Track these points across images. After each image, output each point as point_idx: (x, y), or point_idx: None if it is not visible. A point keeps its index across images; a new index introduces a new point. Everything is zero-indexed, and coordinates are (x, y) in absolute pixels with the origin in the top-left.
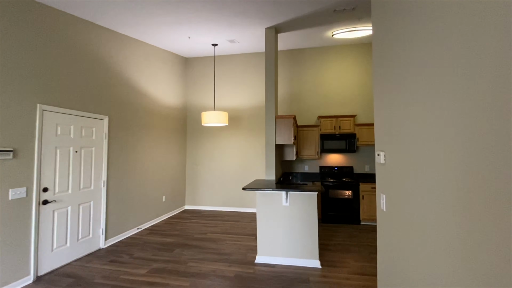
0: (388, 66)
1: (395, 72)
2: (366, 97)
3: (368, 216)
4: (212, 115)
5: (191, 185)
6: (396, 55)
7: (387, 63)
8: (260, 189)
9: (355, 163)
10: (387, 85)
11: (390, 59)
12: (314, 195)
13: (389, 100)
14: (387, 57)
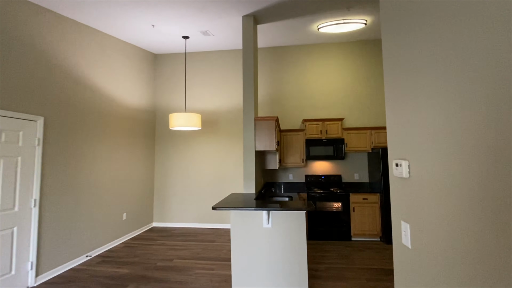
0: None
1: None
2: (354, 99)
3: (360, 231)
4: (182, 117)
5: (160, 199)
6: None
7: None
8: (235, 207)
9: (344, 171)
10: (411, 75)
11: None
12: (302, 214)
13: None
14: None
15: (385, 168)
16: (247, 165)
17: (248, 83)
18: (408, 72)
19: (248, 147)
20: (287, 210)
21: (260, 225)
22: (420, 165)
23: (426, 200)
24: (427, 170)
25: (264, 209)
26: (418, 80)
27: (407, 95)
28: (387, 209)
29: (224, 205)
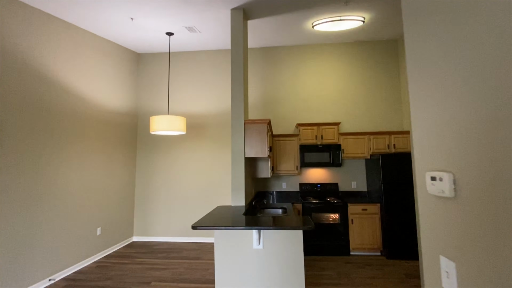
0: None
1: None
2: (350, 102)
3: (360, 244)
4: (164, 120)
5: (141, 211)
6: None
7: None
8: (218, 226)
9: (341, 179)
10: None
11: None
12: (299, 234)
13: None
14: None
15: (385, 176)
16: (236, 174)
17: (237, 82)
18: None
19: (237, 153)
20: (281, 229)
21: (250, 246)
22: (475, 179)
23: (485, 229)
24: (489, 185)
25: (254, 228)
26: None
27: (451, 77)
28: (388, 220)
29: (206, 223)
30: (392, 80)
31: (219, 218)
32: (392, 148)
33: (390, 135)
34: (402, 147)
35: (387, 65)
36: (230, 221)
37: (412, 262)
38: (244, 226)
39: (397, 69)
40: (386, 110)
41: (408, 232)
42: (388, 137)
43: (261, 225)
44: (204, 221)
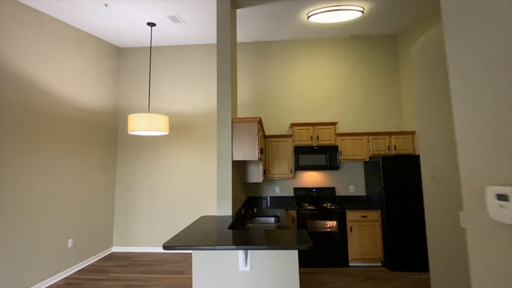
0: None
1: None
2: (348, 101)
3: (359, 255)
4: (143, 119)
5: (122, 219)
6: None
7: None
8: (195, 246)
9: (338, 183)
10: None
11: None
12: (294, 254)
13: None
14: None
15: (386, 180)
16: (222, 180)
17: (223, 75)
18: None
19: (223, 156)
20: (272, 249)
21: (235, 268)
22: None
23: None
24: None
25: (240, 248)
26: None
27: None
28: (389, 228)
29: (181, 241)
30: (391, 78)
31: (199, 234)
32: (392, 149)
33: (390, 135)
34: (403, 149)
35: (386, 61)
36: (211, 238)
37: (417, 274)
38: (227, 246)
39: (396, 66)
40: (386, 109)
41: (412, 241)
42: (388, 138)
43: (249, 244)
44: (180, 238)
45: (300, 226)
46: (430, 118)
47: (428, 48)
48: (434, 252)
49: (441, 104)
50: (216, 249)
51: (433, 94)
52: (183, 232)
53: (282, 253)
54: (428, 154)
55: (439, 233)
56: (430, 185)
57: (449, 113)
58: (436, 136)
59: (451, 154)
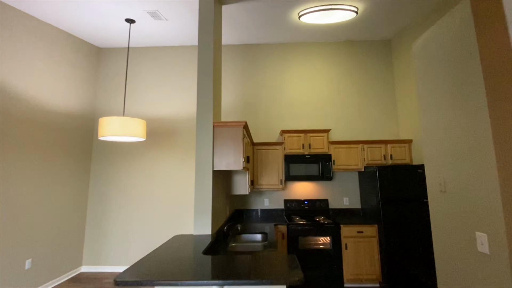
0: None
1: None
2: (341, 107)
3: (355, 275)
4: (116, 123)
5: (94, 235)
6: None
7: None
8: (155, 280)
9: (331, 194)
10: None
11: None
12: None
13: None
14: None
15: (383, 192)
16: (201, 193)
17: (205, 73)
18: None
19: (202, 165)
20: (254, 284)
21: None
22: None
23: None
24: None
25: (211, 283)
26: None
27: None
28: (388, 245)
29: (138, 273)
30: (386, 84)
31: (165, 261)
32: (388, 159)
33: (386, 144)
34: (399, 158)
35: (380, 67)
36: (179, 267)
37: None
38: (195, 281)
39: (390, 72)
40: (380, 116)
41: (412, 259)
42: (384, 147)
43: (226, 277)
44: (139, 268)
45: (291, 243)
46: (435, 122)
47: (429, 46)
48: (444, 277)
49: (446, 106)
50: (182, 284)
51: (436, 95)
52: (147, 259)
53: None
54: (434, 163)
55: (450, 255)
56: (437, 200)
57: (458, 115)
58: (443, 143)
59: (462, 163)
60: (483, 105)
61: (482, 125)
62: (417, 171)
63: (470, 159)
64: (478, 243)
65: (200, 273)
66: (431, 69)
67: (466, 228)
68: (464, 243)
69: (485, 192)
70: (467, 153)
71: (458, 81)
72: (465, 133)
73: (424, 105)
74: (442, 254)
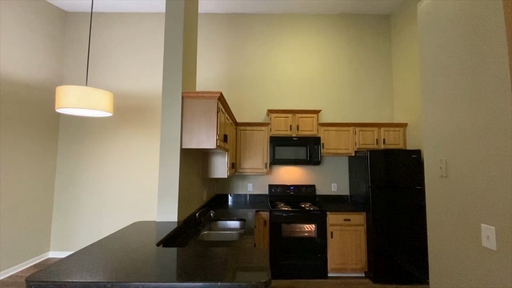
0: None
1: None
2: (333, 87)
3: (340, 264)
4: (75, 93)
5: (62, 219)
6: None
7: None
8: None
9: (319, 180)
10: None
11: None
12: None
13: None
14: None
15: (374, 178)
16: (166, 174)
17: (173, 34)
18: None
19: (168, 143)
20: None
21: None
22: None
23: None
24: None
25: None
26: None
27: None
28: (376, 234)
29: (58, 272)
30: (383, 64)
31: (105, 256)
32: (381, 143)
33: (379, 127)
34: (393, 143)
35: (378, 44)
36: (116, 264)
37: (403, 287)
38: (126, 282)
39: (389, 50)
40: (375, 98)
41: (401, 249)
42: (377, 130)
43: (169, 279)
44: (64, 265)
45: (273, 230)
46: (439, 95)
47: (438, 5)
48: (438, 273)
49: (454, 76)
50: (115, 286)
51: (443, 63)
52: (86, 251)
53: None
54: (435, 143)
55: (447, 249)
56: (436, 186)
57: (469, 86)
58: (448, 119)
59: (470, 143)
60: (503, 74)
61: (500, 99)
62: (411, 157)
63: (480, 139)
64: (483, 237)
65: (136, 274)
66: (438, 31)
67: (469, 220)
68: (465, 237)
69: (495, 178)
70: (477, 132)
71: (472, 45)
72: (476, 107)
73: (427, 75)
74: (437, 247)
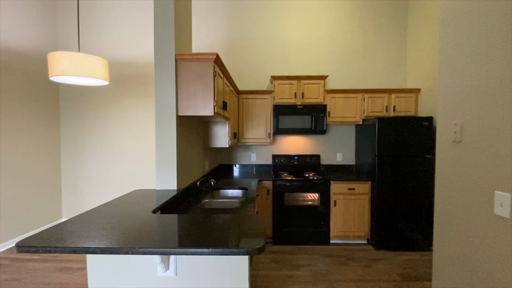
0: None
1: None
2: (342, 51)
3: (343, 231)
4: (66, 59)
5: (70, 188)
6: None
7: None
8: (68, 247)
9: (324, 149)
10: None
11: None
12: (244, 260)
13: None
14: None
15: (381, 147)
16: (163, 143)
17: None
18: None
19: (164, 110)
20: (202, 253)
21: (152, 273)
22: None
23: None
24: None
25: (143, 250)
26: None
27: None
28: (380, 203)
29: (48, 238)
30: (397, 24)
31: (101, 222)
32: (391, 110)
33: (390, 93)
34: (403, 110)
35: (392, 3)
36: (111, 230)
37: (406, 254)
38: (122, 247)
39: (404, 10)
40: (387, 62)
41: (404, 218)
42: (388, 97)
43: (167, 244)
44: (64, 227)
45: (276, 199)
46: (457, 57)
47: None
48: (443, 240)
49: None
50: (104, 252)
51: (465, 21)
52: (79, 218)
53: (228, 260)
54: (450, 105)
55: (455, 217)
56: (448, 152)
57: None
58: (465, 84)
59: (489, 104)
60: None
61: None
62: (422, 124)
63: (502, 99)
64: (496, 204)
65: (132, 239)
66: None
67: (482, 186)
68: (476, 204)
69: None
70: (499, 90)
71: None
72: (502, 60)
73: (447, 31)
74: (444, 214)
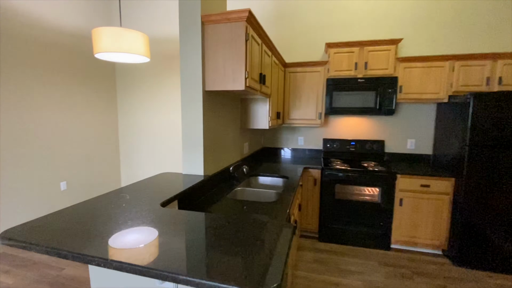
0: None
1: None
2: (420, 8)
3: (408, 237)
4: (108, 36)
5: (129, 158)
6: None
7: None
8: (51, 248)
9: (390, 134)
10: None
11: None
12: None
13: None
14: None
15: (476, 133)
16: (188, 122)
17: None
18: None
19: (189, 84)
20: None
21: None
22: None
23: None
24: None
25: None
26: None
27: None
28: (466, 207)
29: (33, 234)
30: None
31: (104, 214)
32: (495, 83)
33: (495, 59)
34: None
35: None
36: (103, 229)
37: (499, 277)
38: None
39: None
40: (489, 18)
41: (502, 230)
42: (491, 64)
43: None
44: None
45: (325, 191)
46: None
47: None
48: None
49: None
50: (79, 259)
51: None
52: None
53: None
54: None
55: None
56: None
57: None
58: None
59: None
60: None
61: None
62: None
63: None
64: None
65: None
66: None
67: None
68: None
69: None
70: None
71: None
72: None
73: None
74: None
